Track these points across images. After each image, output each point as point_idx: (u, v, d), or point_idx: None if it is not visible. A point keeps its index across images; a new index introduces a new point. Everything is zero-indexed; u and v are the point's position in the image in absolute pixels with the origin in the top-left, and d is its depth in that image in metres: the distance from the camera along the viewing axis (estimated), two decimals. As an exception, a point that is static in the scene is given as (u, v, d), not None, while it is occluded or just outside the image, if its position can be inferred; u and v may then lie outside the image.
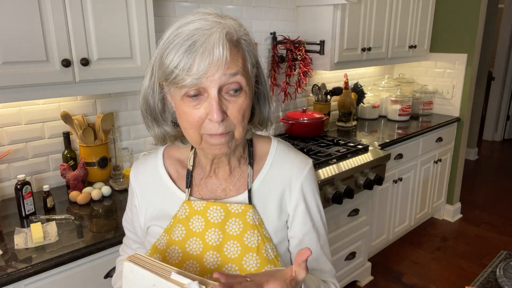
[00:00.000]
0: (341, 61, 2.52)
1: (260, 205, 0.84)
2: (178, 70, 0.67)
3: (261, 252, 0.79)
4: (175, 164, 0.89)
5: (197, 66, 0.66)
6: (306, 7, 2.55)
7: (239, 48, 0.71)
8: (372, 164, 2.27)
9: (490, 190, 4.17)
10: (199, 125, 0.72)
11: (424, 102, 3.33)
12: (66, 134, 1.76)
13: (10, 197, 1.68)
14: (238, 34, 0.71)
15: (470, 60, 3.19)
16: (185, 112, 0.72)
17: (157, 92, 0.77)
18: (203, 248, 0.80)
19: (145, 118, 0.82)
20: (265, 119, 0.85)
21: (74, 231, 1.41)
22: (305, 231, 0.86)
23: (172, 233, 0.82)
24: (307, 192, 0.86)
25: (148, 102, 0.79)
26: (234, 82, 0.70)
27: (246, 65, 0.73)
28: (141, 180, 0.90)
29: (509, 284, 1.17)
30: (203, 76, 0.66)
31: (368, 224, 2.50)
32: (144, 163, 0.92)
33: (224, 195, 0.85)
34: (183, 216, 0.82)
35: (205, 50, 0.66)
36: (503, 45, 5.52)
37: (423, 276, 2.72)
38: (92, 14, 1.46)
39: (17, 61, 1.33)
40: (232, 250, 0.80)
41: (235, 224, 0.81)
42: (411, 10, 2.99)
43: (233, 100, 0.71)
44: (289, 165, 0.86)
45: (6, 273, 1.16)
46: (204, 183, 0.86)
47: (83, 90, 1.50)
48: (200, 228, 0.81)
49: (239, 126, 0.74)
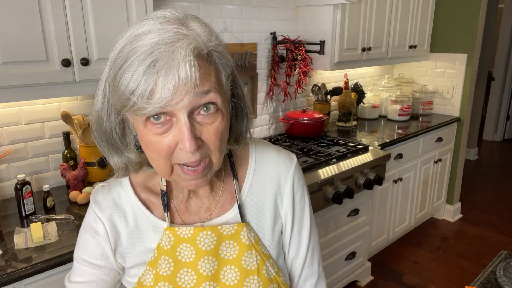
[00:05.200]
0: (341, 61, 2.52)
1: (253, 218, 0.76)
2: (135, 97, 0.54)
3: (262, 272, 0.73)
4: (144, 192, 0.76)
5: (159, 92, 0.54)
6: (306, 7, 2.55)
7: (210, 62, 0.59)
8: (372, 164, 2.27)
9: (490, 190, 4.17)
10: (168, 155, 0.60)
11: (424, 102, 3.33)
12: (66, 134, 1.76)
13: (10, 197, 1.68)
14: (208, 46, 0.59)
15: (470, 60, 3.19)
16: (151, 141, 0.60)
17: (113, 114, 0.64)
18: (197, 279, 0.71)
19: (101, 146, 0.68)
20: (242, 134, 0.73)
21: (74, 231, 1.41)
22: (299, 233, 0.81)
23: (158, 266, 0.72)
24: (298, 191, 0.80)
25: (103, 127, 0.66)
26: (207, 101, 0.58)
27: (220, 79, 0.61)
28: (108, 213, 0.74)
29: (509, 284, 1.17)
30: (168, 103, 0.54)
31: (368, 224, 2.50)
32: (109, 192, 0.76)
33: (209, 215, 0.75)
34: (168, 246, 0.71)
35: (169, 71, 0.53)
36: (503, 45, 5.52)
37: (423, 276, 2.72)
38: (92, 14, 1.46)
39: (17, 61, 1.33)
40: (230, 276, 0.72)
41: (230, 247, 0.72)
42: (411, 10, 2.99)
43: (207, 122, 0.60)
44: (274, 164, 0.78)
45: (6, 273, 1.16)
46: (184, 206, 0.75)
47: (83, 90, 1.50)
48: (191, 257, 0.71)
49: (216, 152, 0.63)
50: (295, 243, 0.82)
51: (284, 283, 0.76)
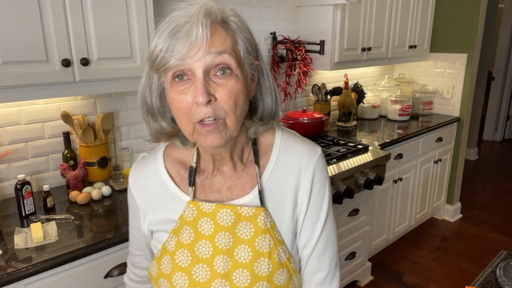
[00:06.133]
0: (341, 61, 2.52)
1: (272, 204, 0.80)
2: (162, 52, 0.67)
3: (273, 256, 0.77)
4: (176, 166, 0.85)
5: (179, 48, 0.66)
6: (306, 7, 2.55)
7: (227, 29, 0.70)
8: (372, 164, 2.27)
9: (490, 190, 4.17)
10: (187, 112, 0.69)
11: (424, 102, 3.33)
12: (66, 134, 1.76)
13: (10, 197, 1.68)
14: (224, 14, 0.70)
15: (470, 60, 3.19)
16: (174, 99, 0.70)
17: (155, 86, 0.77)
18: (213, 251, 0.78)
19: (142, 112, 0.80)
20: (268, 113, 0.81)
21: (74, 231, 1.41)
22: (312, 225, 0.82)
23: (180, 235, 0.80)
24: (317, 183, 0.81)
25: (145, 98, 0.78)
26: (221, 62, 0.68)
27: (237, 47, 0.71)
28: (140, 186, 0.86)
29: (509, 284, 1.17)
30: (186, 56, 0.66)
31: (368, 224, 2.50)
32: (142, 167, 0.87)
33: (230, 194, 0.81)
34: (190, 217, 0.79)
35: (187, 31, 0.66)
36: (503, 45, 5.52)
37: (423, 276, 2.72)
38: (92, 14, 1.46)
39: (17, 61, 1.33)
40: (243, 255, 0.77)
41: (246, 228, 0.78)
42: (411, 10, 2.99)
43: (222, 82, 0.69)
44: (297, 156, 0.82)
45: (6, 273, 1.16)
46: (208, 183, 0.83)
47: (83, 90, 1.50)
48: (210, 231, 0.78)
49: (231, 113, 0.70)
50: (306, 234, 0.83)
51: (294, 269, 0.80)
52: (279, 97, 0.81)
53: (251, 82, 0.76)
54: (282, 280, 0.77)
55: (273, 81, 0.81)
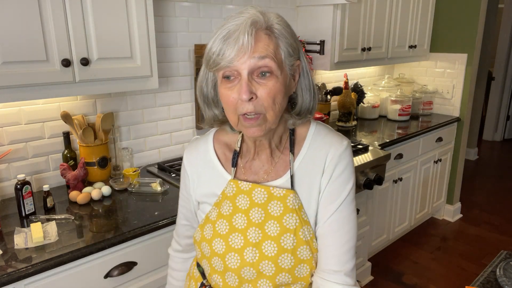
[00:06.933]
0: (341, 61, 2.52)
1: (301, 188, 0.90)
2: (214, 55, 0.79)
3: (298, 233, 0.87)
4: (223, 148, 0.98)
5: (228, 52, 0.77)
6: (306, 7, 2.55)
7: (270, 36, 0.80)
8: (372, 164, 2.27)
9: (490, 190, 4.17)
10: (234, 106, 0.81)
11: (424, 102, 3.33)
12: (66, 134, 1.76)
13: (10, 197, 1.68)
14: (269, 23, 0.80)
15: (470, 60, 3.19)
16: (223, 94, 0.82)
17: (210, 80, 0.89)
18: (247, 224, 0.89)
19: (200, 101, 0.93)
20: (306, 108, 0.91)
21: (74, 231, 1.41)
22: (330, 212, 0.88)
23: (221, 207, 0.92)
24: (340, 176, 0.88)
25: (202, 88, 0.91)
26: (263, 65, 0.78)
27: (279, 52, 0.81)
28: (192, 162, 1.00)
29: (509, 284, 1.17)
30: (233, 59, 0.77)
31: (368, 224, 2.50)
32: (196, 146, 1.01)
33: (266, 177, 0.93)
34: (230, 193, 0.92)
35: (236, 38, 0.77)
36: (503, 45, 5.52)
37: (423, 276, 2.72)
38: (92, 14, 1.46)
39: (17, 61, 1.33)
40: (272, 229, 0.88)
41: (276, 206, 0.89)
42: (411, 10, 2.99)
43: (263, 83, 0.79)
44: (326, 146, 0.91)
45: (6, 273, 1.16)
46: (249, 165, 0.95)
47: (83, 90, 1.50)
48: (245, 206, 0.90)
49: (270, 110, 0.81)
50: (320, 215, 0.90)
51: (315, 248, 0.89)
52: (317, 93, 0.92)
53: (291, 80, 0.86)
54: (305, 255, 0.88)
55: (312, 79, 0.92)
